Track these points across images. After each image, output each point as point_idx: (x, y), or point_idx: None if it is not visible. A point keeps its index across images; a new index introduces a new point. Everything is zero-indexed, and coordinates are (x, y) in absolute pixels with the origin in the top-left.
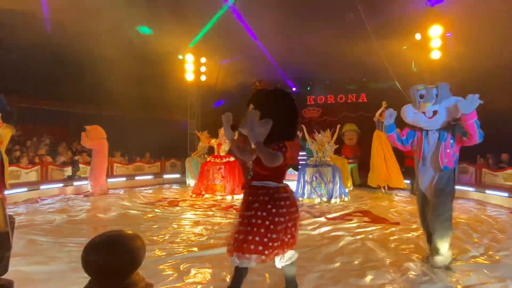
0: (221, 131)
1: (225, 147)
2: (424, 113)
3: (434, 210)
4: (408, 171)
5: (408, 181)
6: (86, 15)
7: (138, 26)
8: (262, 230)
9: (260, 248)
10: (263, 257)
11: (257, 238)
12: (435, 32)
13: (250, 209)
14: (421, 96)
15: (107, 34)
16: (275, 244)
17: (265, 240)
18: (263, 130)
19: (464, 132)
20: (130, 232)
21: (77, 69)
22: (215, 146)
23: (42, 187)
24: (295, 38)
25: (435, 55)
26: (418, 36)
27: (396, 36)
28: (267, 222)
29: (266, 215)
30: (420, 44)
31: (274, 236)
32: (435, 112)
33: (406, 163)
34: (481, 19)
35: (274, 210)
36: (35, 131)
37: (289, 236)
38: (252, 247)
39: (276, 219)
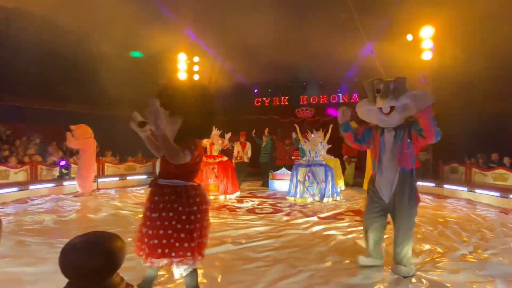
0: (213, 131)
1: (218, 147)
2: (380, 109)
3: (398, 218)
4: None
5: None
6: (77, 13)
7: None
8: (170, 232)
9: (167, 251)
10: (175, 259)
11: (164, 241)
12: (427, 33)
13: (156, 210)
14: (378, 91)
15: (99, 32)
16: (185, 245)
17: (172, 241)
18: (169, 127)
19: (420, 130)
20: (111, 233)
21: (69, 67)
22: (208, 146)
23: (31, 187)
24: (288, 39)
25: (426, 56)
26: (409, 37)
27: (388, 37)
28: (174, 222)
29: (172, 215)
30: (412, 45)
31: (182, 235)
32: (392, 108)
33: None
34: (472, 21)
35: (181, 209)
36: (24, 130)
37: (199, 238)
38: (159, 251)
39: (184, 217)
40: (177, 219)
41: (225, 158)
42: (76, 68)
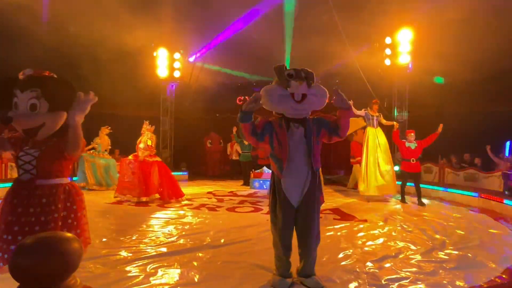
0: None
1: (142, 144)
2: (293, 95)
3: (307, 223)
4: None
5: None
6: (53, 9)
7: None
8: (73, 233)
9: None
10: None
11: None
12: (404, 36)
13: (46, 213)
14: (290, 75)
15: (75, 27)
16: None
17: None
18: (53, 122)
19: (335, 129)
20: (65, 233)
21: (46, 64)
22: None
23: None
24: (271, 36)
25: (404, 59)
26: (388, 40)
27: (367, 39)
28: (70, 221)
29: (67, 214)
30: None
31: (78, 231)
32: (304, 96)
33: (401, 167)
34: (449, 24)
35: (75, 207)
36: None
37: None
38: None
39: (79, 214)
40: (73, 217)
41: (158, 158)
42: (53, 65)
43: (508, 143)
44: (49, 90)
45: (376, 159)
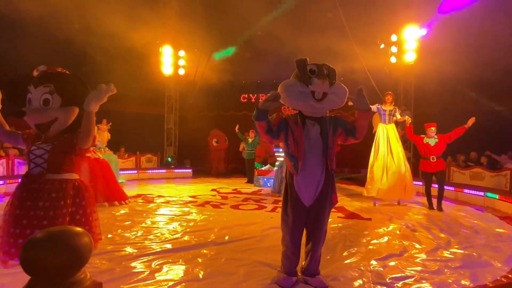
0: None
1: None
2: (313, 93)
3: (318, 224)
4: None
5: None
6: (56, 5)
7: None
8: (87, 228)
9: None
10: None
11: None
12: (410, 34)
13: (55, 208)
14: (312, 72)
15: (80, 23)
16: (96, 235)
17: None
18: (65, 117)
19: (352, 130)
20: (75, 228)
21: (50, 59)
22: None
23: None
24: (273, 36)
25: (410, 57)
26: (394, 38)
27: (373, 37)
28: (78, 217)
29: (75, 210)
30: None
31: (87, 228)
32: (324, 95)
33: (420, 167)
34: (454, 24)
35: (84, 203)
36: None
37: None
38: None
39: (88, 210)
40: (81, 213)
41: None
42: (58, 61)
43: None
44: (62, 86)
45: (385, 160)
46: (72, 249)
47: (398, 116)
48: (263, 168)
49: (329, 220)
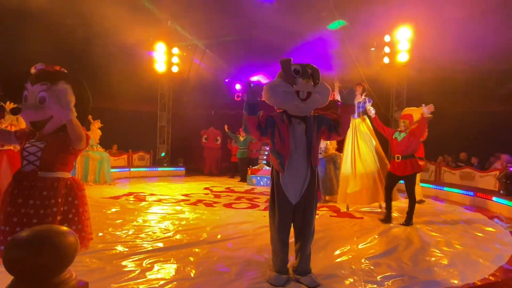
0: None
1: None
2: (298, 92)
3: (305, 221)
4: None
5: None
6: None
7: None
8: (73, 228)
9: None
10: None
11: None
12: (403, 34)
13: (45, 206)
14: (296, 72)
15: (72, 21)
16: (88, 234)
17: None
18: (61, 115)
19: (335, 126)
20: (60, 227)
21: (42, 57)
22: None
23: None
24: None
25: (402, 57)
26: (387, 38)
27: (366, 37)
28: (71, 216)
29: (68, 209)
30: (389, 46)
31: (80, 226)
32: (309, 94)
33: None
34: (447, 23)
35: (76, 202)
36: None
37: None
38: None
39: (81, 209)
40: (74, 212)
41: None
42: (51, 58)
43: None
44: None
45: (352, 161)
46: (56, 248)
47: (368, 107)
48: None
49: (321, 219)
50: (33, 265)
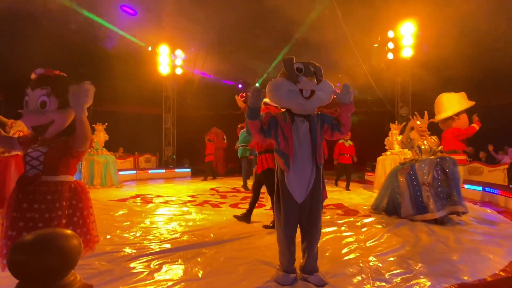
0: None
1: None
2: (302, 91)
3: (312, 220)
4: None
5: None
6: (51, 5)
7: None
8: (79, 231)
9: None
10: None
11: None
12: (407, 30)
13: (50, 210)
14: (299, 70)
15: (76, 24)
16: (94, 237)
17: (88, 237)
18: (62, 119)
19: (337, 125)
20: (64, 230)
21: (46, 60)
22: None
23: None
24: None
25: (407, 53)
26: (390, 34)
27: (369, 33)
28: (75, 219)
29: (72, 212)
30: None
31: (84, 229)
32: (312, 92)
33: (340, 159)
34: (451, 19)
35: (80, 205)
36: None
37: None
38: None
39: (85, 212)
40: (78, 215)
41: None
42: (54, 61)
43: None
44: (59, 88)
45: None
46: (60, 251)
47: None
48: None
49: (328, 217)
50: (37, 268)
